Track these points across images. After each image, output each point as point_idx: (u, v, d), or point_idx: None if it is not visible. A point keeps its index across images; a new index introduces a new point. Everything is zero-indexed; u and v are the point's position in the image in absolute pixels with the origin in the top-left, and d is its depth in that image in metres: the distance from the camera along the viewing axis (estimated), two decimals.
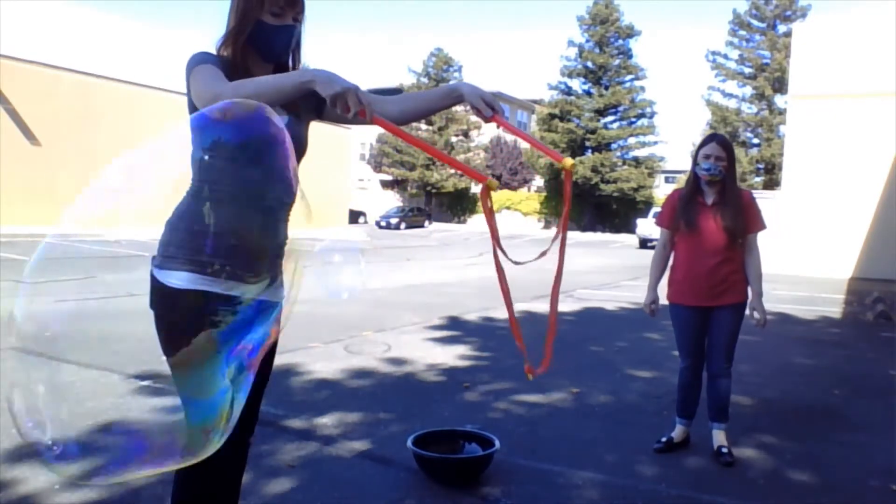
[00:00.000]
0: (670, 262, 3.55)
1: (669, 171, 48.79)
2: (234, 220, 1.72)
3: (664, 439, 3.50)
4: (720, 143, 3.36)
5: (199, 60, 1.72)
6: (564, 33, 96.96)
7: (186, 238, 1.71)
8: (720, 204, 3.33)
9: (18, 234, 16.81)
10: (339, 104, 1.57)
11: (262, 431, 3.52)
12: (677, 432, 3.54)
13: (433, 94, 1.94)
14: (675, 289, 3.47)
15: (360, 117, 1.63)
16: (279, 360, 5.41)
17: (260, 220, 1.75)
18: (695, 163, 3.39)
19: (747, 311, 3.42)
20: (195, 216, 1.72)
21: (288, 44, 1.81)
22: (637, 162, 38.88)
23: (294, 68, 1.87)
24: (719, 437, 3.45)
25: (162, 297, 1.73)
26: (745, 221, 3.32)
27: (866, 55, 12.36)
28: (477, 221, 42.35)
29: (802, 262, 12.17)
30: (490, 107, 1.82)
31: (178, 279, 1.70)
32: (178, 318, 1.71)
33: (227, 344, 1.69)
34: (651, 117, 39.13)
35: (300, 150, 1.81)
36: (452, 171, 42.18)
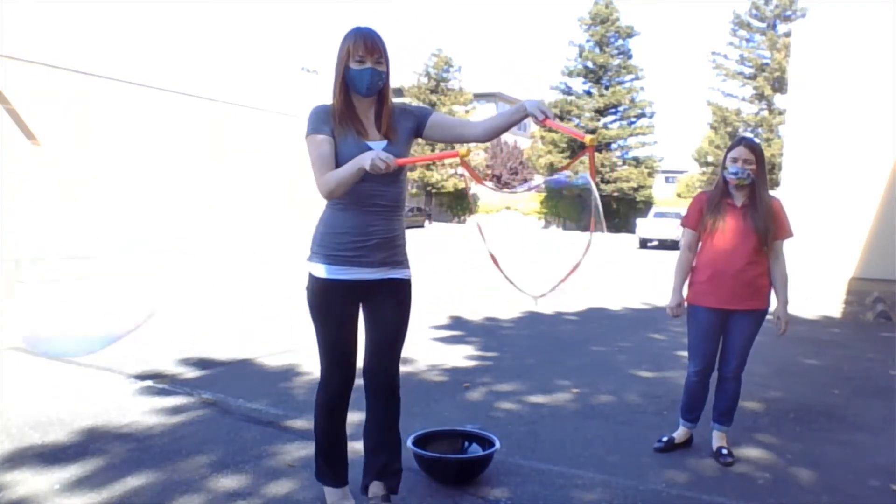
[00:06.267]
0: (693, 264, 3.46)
1: (669, 171, 48.78)
2: (352, 221, 2.40)
3: (665, 439, 3.50)
4: (748, 146, 3.27)
5: (309, 130, 2.39)
6: (564, 33, 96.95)
7: (319, 237, 2.46)
8: (749, 207, 3.27)
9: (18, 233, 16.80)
10: (382, 168, 2.19)
11: (263, 432, 3.52)
12: (680, 433, 3.52)
13: (506, 113, 2.44)
14: (697, 289, 3.38)
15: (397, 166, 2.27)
16: (280, 360, 5.42)
17: (369, 219, 2.41)
18: (723, 167, 3.33)
19: (771, 318, 3.37)
20: (327, 221, 2.45)
21: (370, 82, 2.36)
22: (637, 162, 38.86)
23: (385, 100, 2.44)
24: (720, 439, 3.44)
25: (308, 279, 2.49)
26: (773, 227, 3.27)
27: (866, 55, 12.35)
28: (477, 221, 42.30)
29: (802, 261, 12.17)
30: (543, 113, 2.32)
31: (318, 270, 2.44)
32: (312, 295, 2.48)
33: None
34: (651, 117, 39.12)
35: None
36: (452, 170, 42.21)
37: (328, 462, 2.62)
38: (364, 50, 2.32)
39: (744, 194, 3.31)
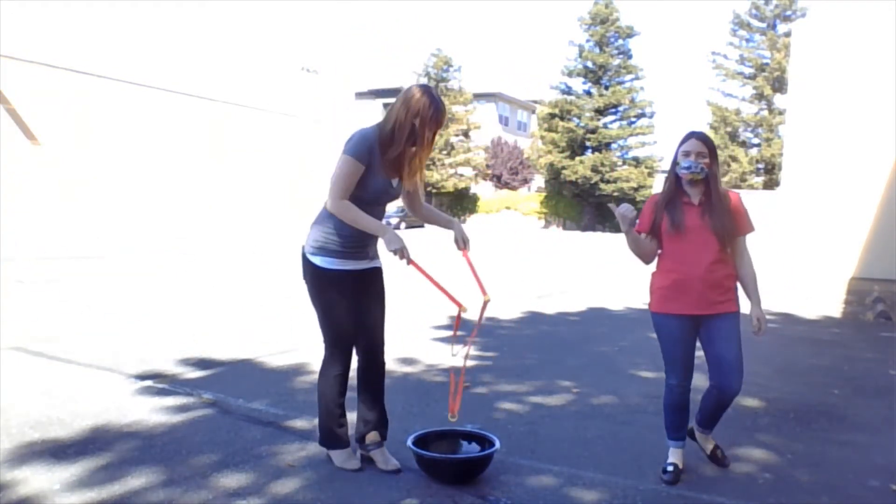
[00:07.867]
0: (653, 269, 3.27)
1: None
2: (354, 227, 2.87)
3: (670, 469, 3.16)
4: (700, 138, 3.10)
5: (351, 150, 2.84)
6: (564, 33, 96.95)
7: (324, 235, 2.91)
8: (706, 204, 3.09)
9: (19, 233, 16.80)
10: (396, 255, 2.86)
11: (263, 432, 3.52)
12: (678, 457, 3.22)
13: (443, 218, 3.27)
14: (661, 295, 3.13)
15: (401, 258, 2.90)
16: (280, 360, 5.42)
17: None
18: (674, 162, 3.14)
19: (749, 319, 3.19)
20: (334, 225, 2.90)
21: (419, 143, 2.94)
22: (637, 162, 38.88)
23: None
24: (708, 441, 3.34)
25: (310, 271, 2.95)
26: (734, 224, 3.09)
27: (866, 55, 12.35)
28: (477, 222, 42.37)
29: (802, 261, 12.17)
30: (464, 242, 3.24)
31: (320, 261, 2.91)
32: (319, 284, 2.94)
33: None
34: (651, 117, 39.14)
35: (397, 194, 3.06)
36: (452, 170, 42.30)
37: (334, 425, 3.03)
38: (438, 129, 2.93)
39: (699, 190, 3.12)
